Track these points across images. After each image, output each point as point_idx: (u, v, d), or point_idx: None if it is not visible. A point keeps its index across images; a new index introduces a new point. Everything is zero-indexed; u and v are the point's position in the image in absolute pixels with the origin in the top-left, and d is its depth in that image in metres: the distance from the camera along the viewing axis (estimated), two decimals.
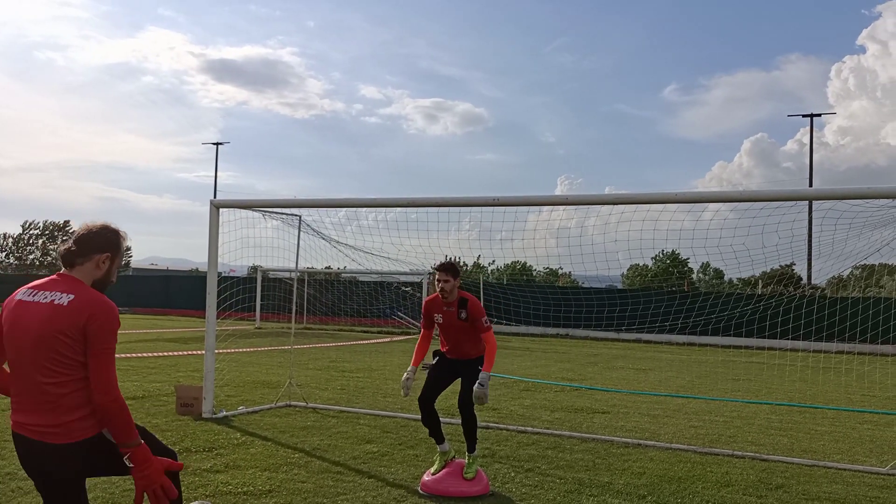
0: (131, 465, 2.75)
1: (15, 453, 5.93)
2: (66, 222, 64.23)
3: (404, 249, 9.61)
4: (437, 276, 5.69)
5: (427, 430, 5.79)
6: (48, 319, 2.73)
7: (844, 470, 6.59)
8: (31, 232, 58.70)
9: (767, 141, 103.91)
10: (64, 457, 2.75)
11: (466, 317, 5.60)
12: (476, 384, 5.39)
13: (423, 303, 5.89)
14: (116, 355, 2.81)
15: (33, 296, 2.83)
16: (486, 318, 5.62)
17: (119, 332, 2.85)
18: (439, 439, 5.72)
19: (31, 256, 58.73)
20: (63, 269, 2.92)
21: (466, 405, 5.58)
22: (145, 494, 2.80)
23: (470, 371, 5.67)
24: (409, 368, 5.70)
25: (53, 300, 2.77)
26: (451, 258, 5.88)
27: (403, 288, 27.58)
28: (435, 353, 5.95)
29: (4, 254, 57.84)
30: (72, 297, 2.77)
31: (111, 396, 2.72)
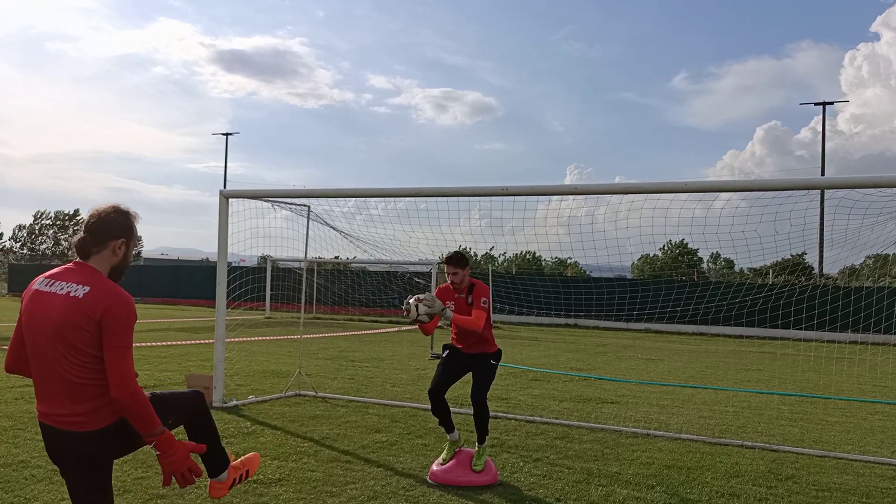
0: (157, 452, 2.73)
1: (28, 441, 5.99)
2: (76, 211, 64.60)
3: (415, 238, 9.60)
4: (446, 269, 5.70)
5: (437, 420, 5.79)
6: (64, 312, 2.69)
7: (855, 461, 6.55)
8: (42, 222, 59.11)
9: (780, 129, 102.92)
10: (89, 444, 2.73)
11: (472, 301, 5.59)
12: (438, 305, 5.32)
13: (436, 291, 5.88)
14: None
15: (50, 286, 2.79)
16: (484, 299, 5.57)
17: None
18: (449, 428, 5.72)
19: (43, 246, 59.18)
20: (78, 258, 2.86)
21: (480, 400, 5.58)
22: (173, 477, 2.80)
23: (481, 366, 5.67)
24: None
25: (70, 292, 2.72)
26: (459, 247, 5.85)
27: (416, 279, 27.59)
28: (445, 347, 5.94)
29: (19, 244, 58.30)
30: (87, 289, 2.71)
31: (128, 391, 2.66)
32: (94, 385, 2.71)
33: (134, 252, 2.99)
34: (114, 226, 2.86)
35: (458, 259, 5.65)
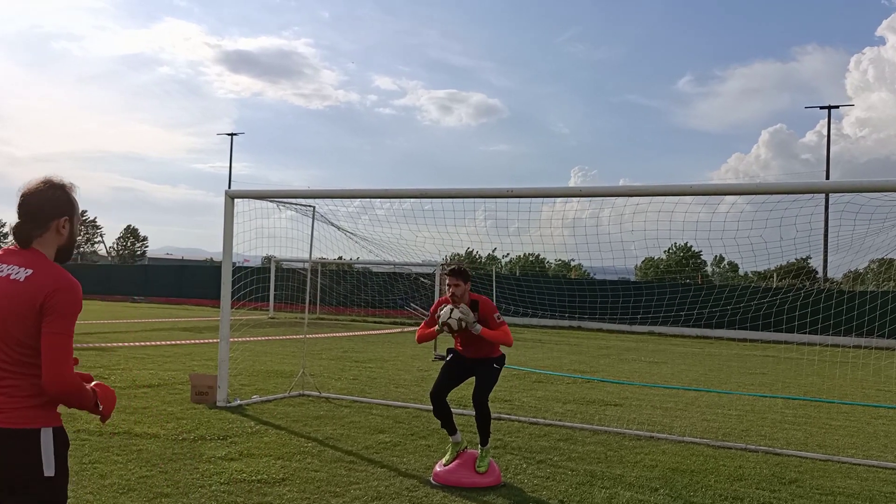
0: (101, 406, 2.58)
1: None
2: (84, 212, 64.84)
3: (420, 239, 9.62)
4: (447, 282, 5.70)
5: (439, 422, 5.81)
6: (2, 296, 2.42)
7: (859, 465, 6.54)
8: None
9: (786, 132, 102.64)
10: (22, 443, 2.43)
11: (478, 319, 5.61)
12: (470, 314, 5.44)
13: (435, 302, 5.90)
14: (135, 343, 2.69)
15: None
16: (498, 314, 5.63)
17: (134, 320, 2.68)
18: (451, 430, 5.73)
19: None
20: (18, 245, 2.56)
21: (481, 401, 5.60)
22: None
23: (484, 369, 5.68)
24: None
25: (10, 274, 2.44)
26: (459, 261, 5.86)
27: (422, 279, 27.62)
28: (449, 351, 5.96)
29: None
30: (30, 272, 2.44)
31: (64, 384, 2.39)
32: (32, 379, 2.43)
33: (79, 226, 2.72)
34: (53, 203, 2.55)
35: (461, 272, 5.66)
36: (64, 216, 2.57)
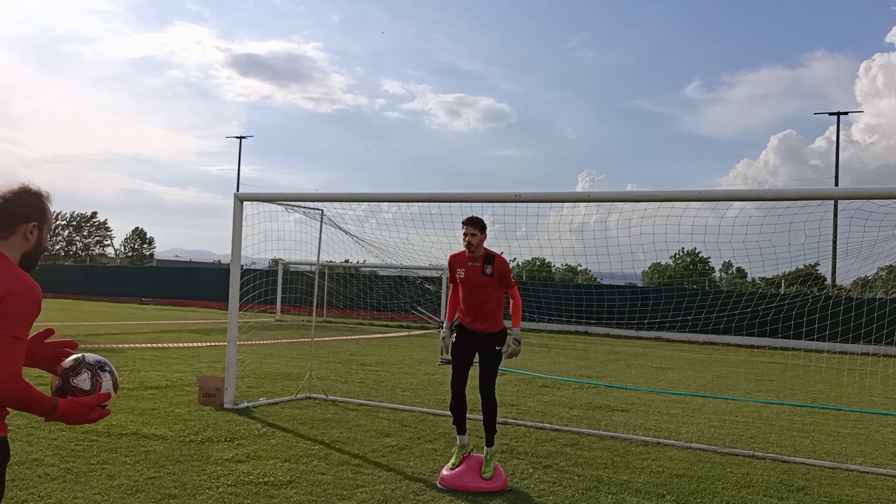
0: (66, 422, 2.47)
1: (41, 440, 6.05)
2: (94, 214, 65.24)
3: (427, 243, 9.64)
4: (464, 230, 5.64)
5: (451, 419, 5.80)
6: None
7: (867, 473, 6.50)
8: (56, 223, 59.71)
9: (795, 138, 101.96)
10: None
11: (492, 272, 5.57)
12: (512, 340, 5.56)
13: (448, 258, 5.87)
14: (143, 345, 2.67)
15: None
16: (512, 273, 5.69)
17: (141, 322, 2.63)
18: (461, 429, 5.72)
19: (57, 247, 59.67)
20: None
21: (487, 391, 5.60)
22: None
23: (487, 351, 5.68)
24: (444, 325, 5.90)
25: None
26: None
27: (427, 285, 27.64)
28: (453, 330, 5.93)
29: None
30: None
31: (7, 390, 2.32)
32: None
33: (48, 235, 2.68)
34: (23, 208, 2.55)
35: (477, 221, 5.62)
36: (32, 222, 2.55)
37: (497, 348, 5.71)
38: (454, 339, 5.88)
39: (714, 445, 7.33)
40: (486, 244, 5.73)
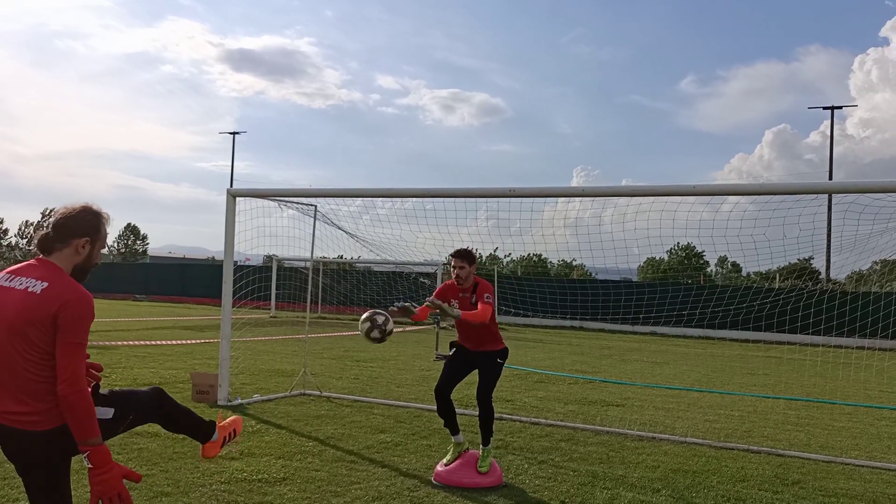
0: (89, 465, 2.61)
1: None
2: None
3: (421, 239, 9.60)
4: (452, 263, 5.67)
5: (442, 421, 5.78)
6: (21, 307, 2.62)
7: (862, 466, 6.51)
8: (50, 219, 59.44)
9: (790, 132, 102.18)
10: (43, 444, 2.66)
11: (476, 300, 5.57)
12: (449, 307, 5.35)
13: (438, 288, 5.86)
14: (136, 342, 2.78)
15: (10, 281, 2.72)
16: (488, 295, 5.49)
17: (136, 318, 2.78)
18: (454, 430, 5.71)
19: None
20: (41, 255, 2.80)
21: (485, 398, 5.58)
22: (100, 501, 2.61)
23: (487, 364, 5.66)
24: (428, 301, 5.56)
25: (28, 287, 2.65)
26: (467, 247, 5.82)
27: (422, 280, 27.61)
28: (452, 345, 5.93)
29: (25, 241, 58.52)
30: (45, 284, 2.65)
31: (75, 389, 2.57)
32: (50, 384, 2.62)
33: (99, 254, 2.91)
34: (80, 224, 2.81)
35: (466, 254, 5.64)
36: (85, 238, 2.80)
37: (499, 360, 5.69)
38: (452, 353, 5.85)
39: (709, 440, 7.33)
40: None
